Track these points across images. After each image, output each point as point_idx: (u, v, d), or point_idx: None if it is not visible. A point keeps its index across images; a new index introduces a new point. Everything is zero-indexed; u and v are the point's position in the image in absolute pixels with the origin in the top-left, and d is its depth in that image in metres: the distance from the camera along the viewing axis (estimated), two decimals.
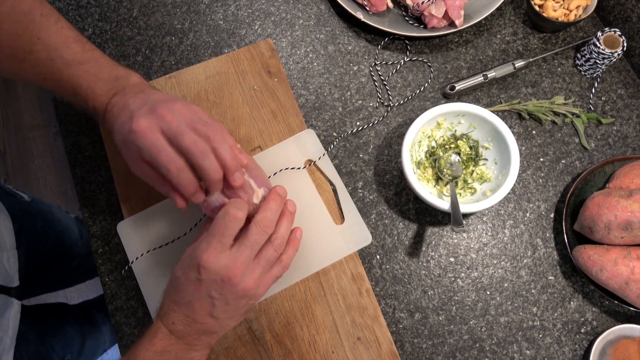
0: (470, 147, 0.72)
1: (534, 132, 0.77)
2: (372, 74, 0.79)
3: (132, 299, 0.67)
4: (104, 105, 0.56)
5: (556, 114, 0.77)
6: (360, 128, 0.76)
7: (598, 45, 0.74)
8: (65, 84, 0.57)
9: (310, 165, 0.71)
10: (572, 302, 0.68)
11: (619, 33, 0.74)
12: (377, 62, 0.80)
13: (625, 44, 0.74)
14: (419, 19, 0.81)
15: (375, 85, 0.79)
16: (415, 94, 0.78)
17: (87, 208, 0.71)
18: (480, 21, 0.79)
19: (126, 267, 0.68)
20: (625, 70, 0.80)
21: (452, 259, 0.70)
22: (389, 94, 0.78)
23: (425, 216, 0.72)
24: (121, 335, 0.66)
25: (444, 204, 0.64)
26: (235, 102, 0.75)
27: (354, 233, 0.68)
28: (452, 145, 0.72)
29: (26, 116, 1.89)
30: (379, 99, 0.78)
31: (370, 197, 0.73)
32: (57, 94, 0.60)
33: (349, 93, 0.78)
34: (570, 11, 0.79)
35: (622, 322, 0.67)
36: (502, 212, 0.73)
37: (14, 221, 0.83)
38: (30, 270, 0.86)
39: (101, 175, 0.73)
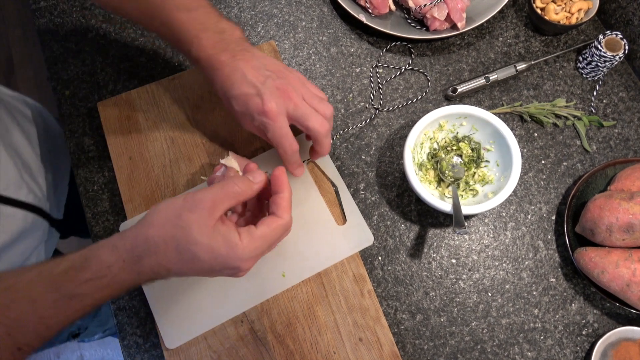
0: (472, 149, 0.72)
1: (535, 134, 0.77)
2: (371, 75, 0.80)
3: (135, 299, 0.67)
4: (210, 57, 0.58)
5: (558, 116, 0.77)
6: (354, 126, 0.76)
7: (599, 48, 0.74)
8: (171, 27, 0.59)
9: (308, 160, 0.70)
10: (573, 304, 0.68)
11: (621, 36, 0.75)
12: (378, 64, 0.80)
13: (626, 47, 0.74)
14: (421, 22, 0.81)
15: (379, 87, 0.79)
16: (417, 96, 0.79)
17: (90, 208, 0.71)
18: (482, 24, 0.79)
19: None
20: (626, 73, 0.80)
21: (453, 261, 0.70)
22: (382, 97, 0.78)
23: (427, 218, 0.72)
24: (123, 335, 0.66)
25: (446, 206, 0.65)
26: None
27: (356, 234, 0.68)
28: (454, 147, 0.73)
29: None
30: (372, 100, 0.78)
31: (372, 199, 0.73)
32: (160, 36, 0.63)
33: (351, 95, 0.79)
34: (572, 14, 0.79)
35: (624, 325, 0.67)
36: (503, 214, 0.73)
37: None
38: (72, 210, 0.88)
39: (104, 175, 0.73)
